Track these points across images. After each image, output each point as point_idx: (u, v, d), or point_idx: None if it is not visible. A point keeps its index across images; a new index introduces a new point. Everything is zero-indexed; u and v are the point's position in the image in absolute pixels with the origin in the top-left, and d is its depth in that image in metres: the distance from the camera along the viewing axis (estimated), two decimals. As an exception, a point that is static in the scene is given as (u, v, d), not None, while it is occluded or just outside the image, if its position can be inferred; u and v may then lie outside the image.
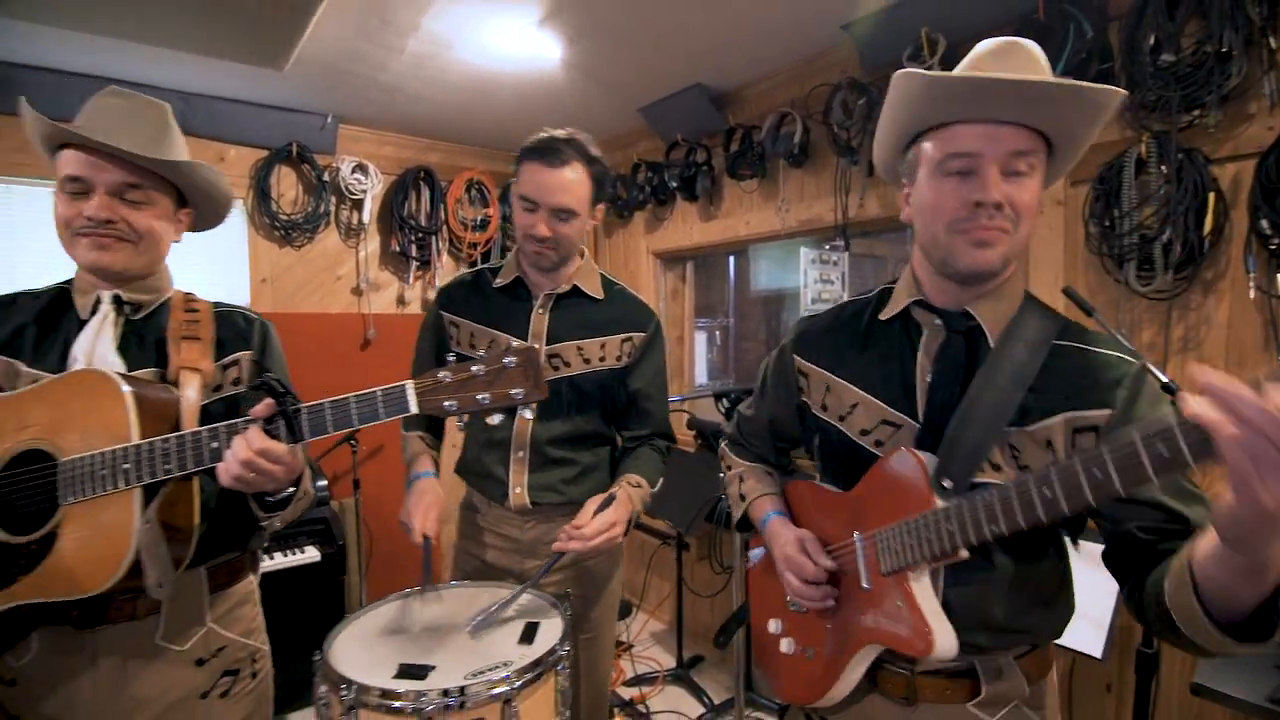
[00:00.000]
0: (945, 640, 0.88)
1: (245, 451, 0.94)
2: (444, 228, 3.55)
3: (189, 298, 1.25)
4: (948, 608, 0.91)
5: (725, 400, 2.20)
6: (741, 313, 4.52)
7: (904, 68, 2.14)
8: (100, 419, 1.00)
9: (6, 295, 1.19)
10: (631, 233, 3.66)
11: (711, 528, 2.55)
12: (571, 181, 1.39)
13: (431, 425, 1.61)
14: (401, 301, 3.57)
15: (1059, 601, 0.98)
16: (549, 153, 1.39)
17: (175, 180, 1.18)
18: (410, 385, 0.97)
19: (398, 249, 3.45)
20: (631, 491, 1.42)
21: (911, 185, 0.97)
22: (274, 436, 0.97)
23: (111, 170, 1.09)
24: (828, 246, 2.71)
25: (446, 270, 3.62)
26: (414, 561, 1.29)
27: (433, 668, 1.05)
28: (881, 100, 2.39)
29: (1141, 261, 1.77)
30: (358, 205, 3.31)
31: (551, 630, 1.19)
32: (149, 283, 1.19)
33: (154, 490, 0.99)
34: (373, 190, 3.31)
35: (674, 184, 3.17)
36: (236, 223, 3.09)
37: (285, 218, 3.12)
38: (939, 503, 0.88)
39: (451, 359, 1.01)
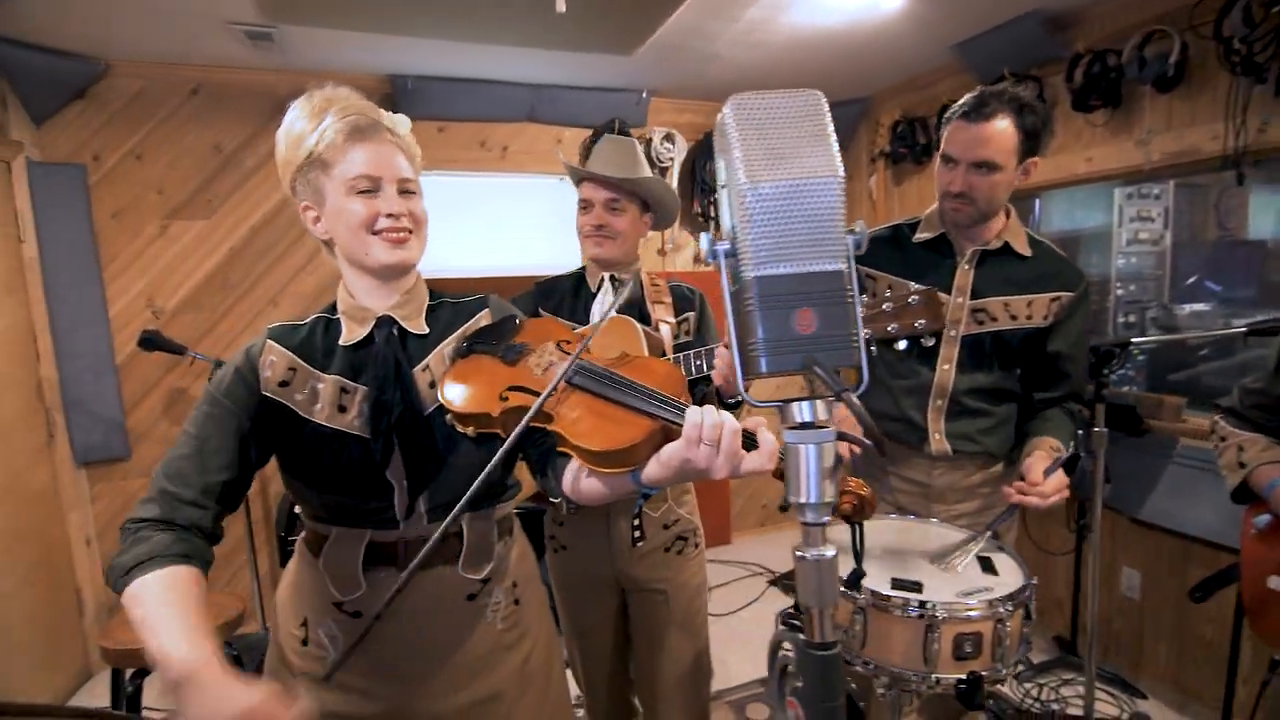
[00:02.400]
0: None
1: (722, 363, 1.30)
2: (737, 187, 3.72)
3: (651, 275, 1.70)
4: None
5: (1093, 353, 2.08)
6: (1037, 258, 4.13)
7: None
8: (624, 344, 1.43)
9: (554, 278, 1.77)
10: (931, 178, 3.51)
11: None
12: (995, 134, 1.39)
13: None
14: (697, 260, 3.83)
15: None
16: (973, 110, 1.41)
17: (638, 192, 1.58)
18: None
19: (697, 210, 3.69)
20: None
21: None
22: None
23: (603, 191, 1.55)
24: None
25: (739, 228, 3.80)
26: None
27: (921, 584, 1.20)
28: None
29: None
30: (664, 172, 3.59)
31: (1006, 564, 1.30)
32: (628, 266, 1.64)
33: None
34: (678, 157, 3.56)
35: (994, 123, 2.97)
36: (569, 194, 3.53)
37: (608, 188, 3.51)
38: None
39: (864, 298, 1.19)
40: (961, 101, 1.46)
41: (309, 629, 1.04)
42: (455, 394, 0.95)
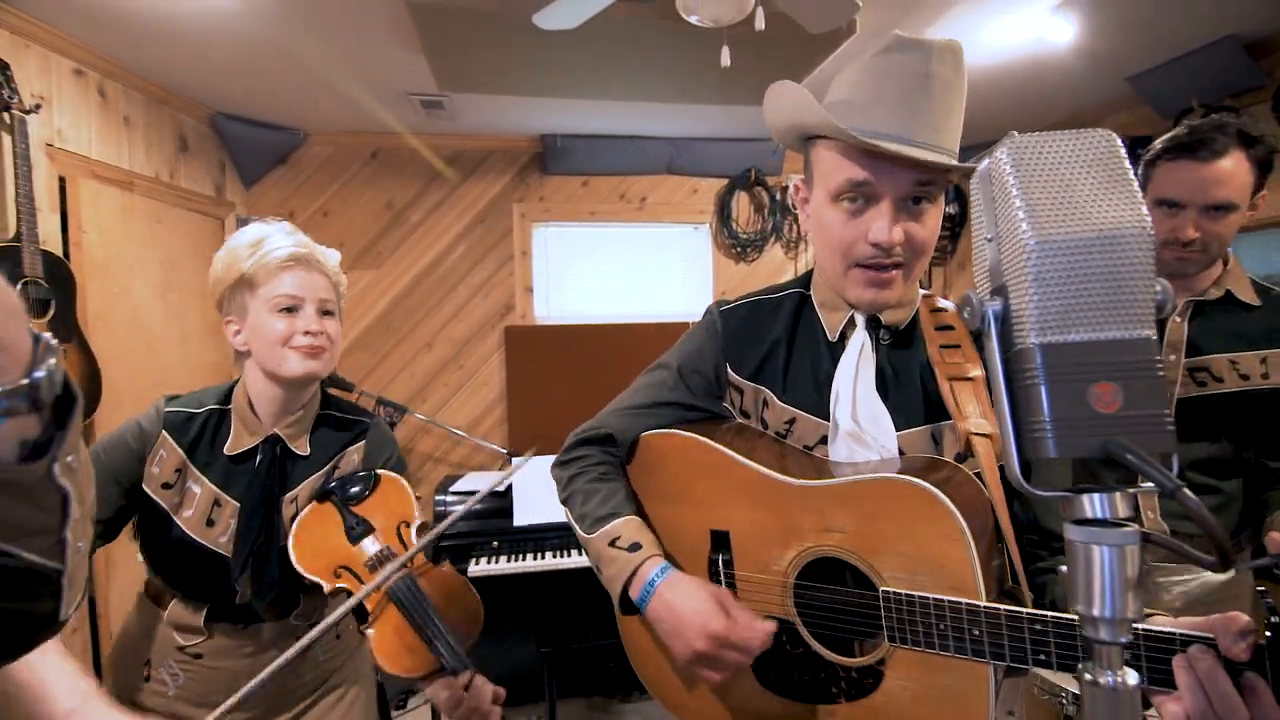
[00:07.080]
0: None
1: None
2: (877, 233, 3.59)
3: (929, 301, 0.93)
4: None
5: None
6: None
7: None
8: (928, 552, 0.76)
9: (750, 301, 1.00)
10: (1098, 221, 3.22)
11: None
12: (1229, 172, 1.25)
13: None
14: (832, 307, 3.72)
15: None
16: (1198, 146, 1.27)
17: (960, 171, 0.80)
18: None
19: (833, 257, 3.60)
20: None
21: None
22: None
23: (904, 177, 0.80)
24: None
25: (877, 275, 3.66)
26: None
27: None
28: None
29: None
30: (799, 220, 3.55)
31: None
32: (906, 296, 0.89)
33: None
34: (815, 203, 3.51)
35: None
36: (702, 242, 3.57)
37: (742, 236, 3.51)
38: None
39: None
40: (1170, 138, 1.31)
41: (151, 668, 1.10)
42: (297, 552, 1.02)
